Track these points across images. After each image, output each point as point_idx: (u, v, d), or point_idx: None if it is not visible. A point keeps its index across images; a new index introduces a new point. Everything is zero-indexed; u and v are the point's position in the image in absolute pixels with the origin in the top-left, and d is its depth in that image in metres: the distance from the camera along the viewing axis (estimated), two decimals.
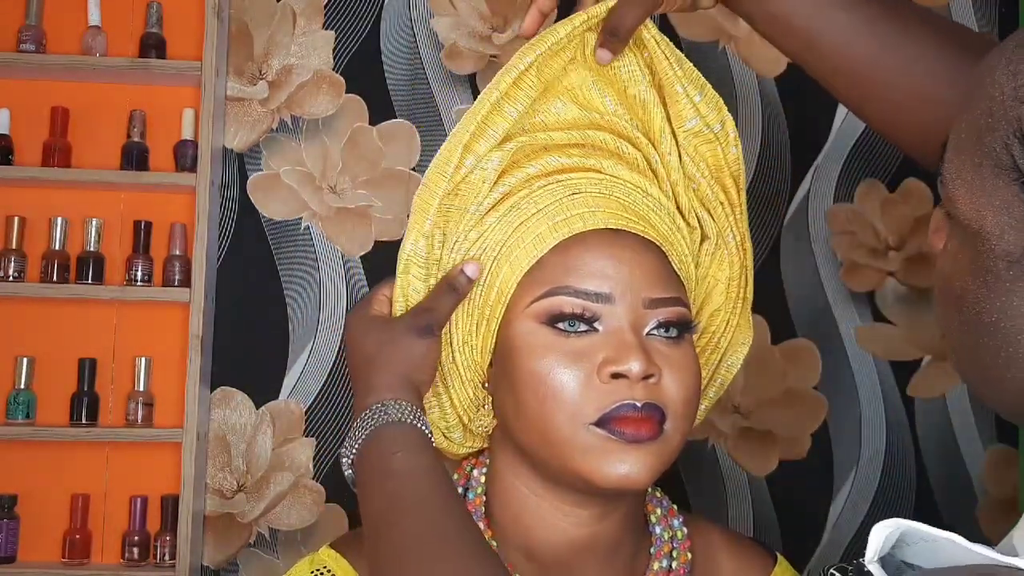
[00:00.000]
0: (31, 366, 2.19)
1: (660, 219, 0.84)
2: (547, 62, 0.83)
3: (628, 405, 0.75)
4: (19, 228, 2.21)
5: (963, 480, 2.29)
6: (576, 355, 0.77)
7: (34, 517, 2.16)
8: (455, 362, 0.84)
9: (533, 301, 0.79)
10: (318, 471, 2.23)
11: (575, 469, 0.76)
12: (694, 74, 0.86)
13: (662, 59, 0.84)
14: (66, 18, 2.29)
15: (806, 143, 2.34)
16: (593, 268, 0.79)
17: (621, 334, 0.77)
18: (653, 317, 0.79)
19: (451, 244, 0.83)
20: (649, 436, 0.76)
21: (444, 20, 2.35)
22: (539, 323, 0.78)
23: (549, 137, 0.84)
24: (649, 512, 0.88)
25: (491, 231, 0.82)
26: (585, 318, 0.78)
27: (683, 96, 0.85)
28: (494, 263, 0.82)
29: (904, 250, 2.33)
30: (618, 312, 0.78)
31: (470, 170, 0.82)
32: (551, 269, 0.79)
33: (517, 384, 0.79)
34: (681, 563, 0.86)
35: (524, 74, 0.82)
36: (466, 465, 0.89)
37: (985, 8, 2.39)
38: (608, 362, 0.76)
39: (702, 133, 0.87)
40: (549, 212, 0.81)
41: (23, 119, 2.25)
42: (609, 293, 0.78)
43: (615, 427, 0.75)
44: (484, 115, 0.81)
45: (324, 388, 2.25)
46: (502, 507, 0.84)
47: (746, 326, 0.93)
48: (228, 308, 2.25)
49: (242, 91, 2.32)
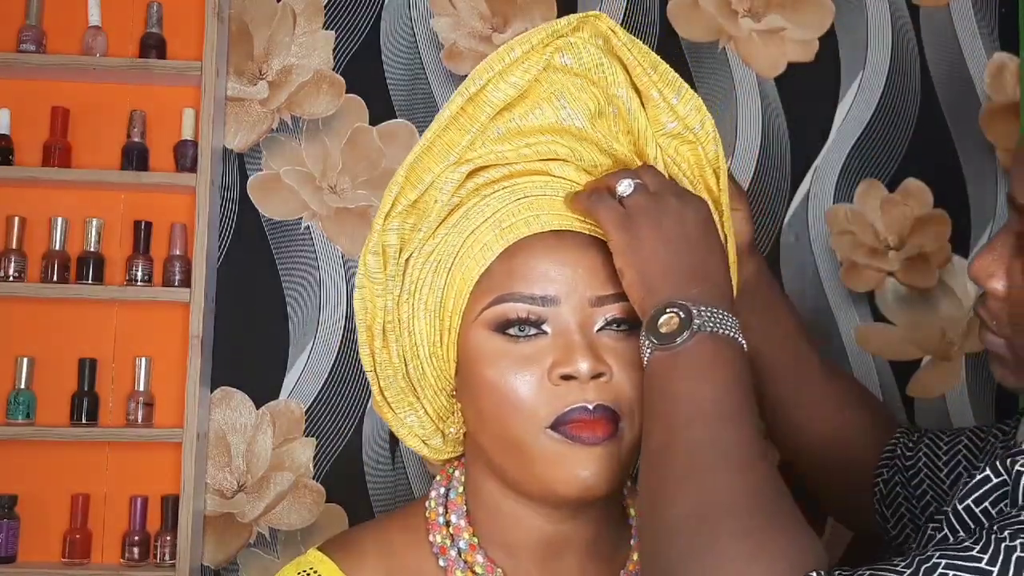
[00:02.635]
0: (31, 366, 2.19)
1: None
2: (507, 77, 0.82)
3: (580, 408, 0.76)
4: (19, 228, 2.21)
5: None
6: (526, 359, 0.78)
7: (34, 517, 2.16)
8: (425, 373, 0.86)
9: (483, 309, 0.80)
10: (318, 471, 2.23)
11: (535, 475, 0.78)
12: (669, 76, 0.86)
13: (635, 65, 0.84)
14: (66, 18, 2.30)
15: (806, 143, 2.34)
16: (537, 272, 0.79)
17: (568, 335, 0.78)
18: (601, 315, 0.80)
19: (404, 259, 0.85)
20: (604, 436, 0.76)
21: (444, 20, 2.35)
22: (490, 331, 0.80)
23: (499, 153, 0.83)
24: (628, 506, 0.90)
25: (444, 242, 0.83)
26: (532, 322, 0.79)
27: (660, 100, 0.85)
28: (448, 274, 0.83)
29: (904, 250, 2.34)
30: (564, 313, 0.79)
31: (426, 188, 0.83)
32: (498, 277, 0.80)
33: (475, 392, 0.80)
34: None
35: (481, 92, 0.81)
36: (449, 466, 0.91)
37: (985, 8, 2.40)
38: (557, 364, 0.77)
39: (681, 135, 0.87)
40: (496, 219, 0.82)
41: (23, 119, 2.25)
42: (554, 295, 0.79)
43: (570, 431, 0.76)
44: (438, 132, 0.82)
45: (324, 388, 2.26)
46: (479, 508, 0.86)
47: None
48: (228, 308, 2.25)
49: (242, 91, 2.32)
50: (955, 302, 2.32)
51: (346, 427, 2.24)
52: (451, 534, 0.85)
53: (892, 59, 2.37)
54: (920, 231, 2.34)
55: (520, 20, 2.35)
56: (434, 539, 0.85)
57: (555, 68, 0.84)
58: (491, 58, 0.82)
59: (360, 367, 2.25)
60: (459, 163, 0.82)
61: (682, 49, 2.30)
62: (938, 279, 2.33)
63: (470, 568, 0.83)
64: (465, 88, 0.81)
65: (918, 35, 2.38)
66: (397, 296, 0.85)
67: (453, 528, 0.85)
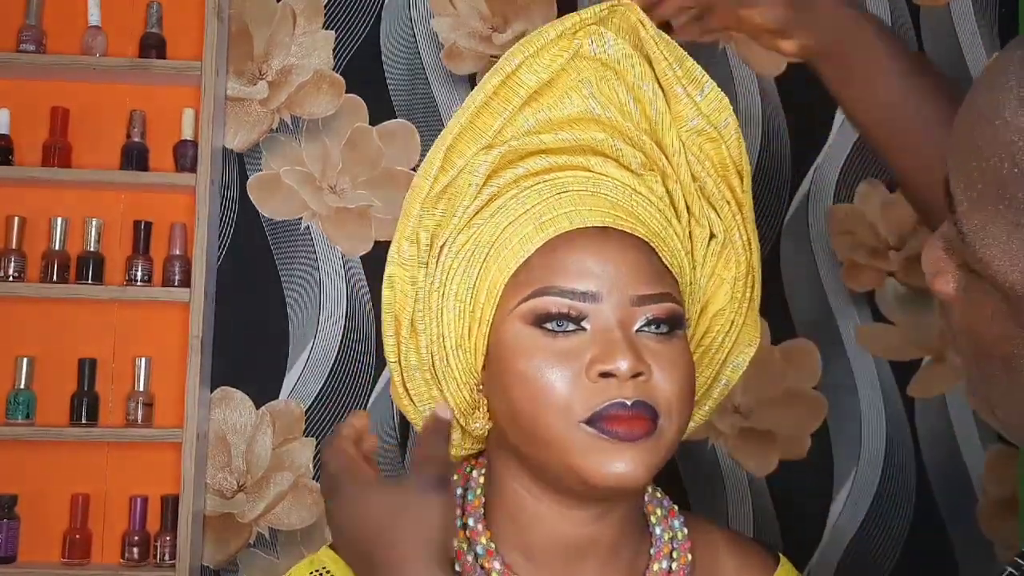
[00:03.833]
0: (31, 366, 2.19)
1: (650, 215, 0.83)
2: (538, 60, 0.82)
3: (618, 403, 0.74)
4: (19, 228, 2.21)
5: (963, 480, 2.29)
6: (564, 355, 0.76)
7: (34, 517, 2.16)
8: (449, 365, 0.84)
9: (520, 302, 0.78)
10: (318, 471, 2.23)
11: (571, 467, 0.76)
12: (695, 72, 0.86)
13: (660, 60, 0.84)
14: (66, 18, 2.29)
15: (806, 143, 2.34)
16: (579, 267, 0.78)
17: (609, 332, 0.76)
18: (642, 314, 0.78)
19: (438, 247, 0.83)
20: (642, 433, 0.75)
21: (444, 20, 2.35)
22: (527, 324, 0.78)
23: (540, 141, 0.83)
24: (649, 513, 0.88)
25: (479, 232, 0.82)
26: (572, 317, 0.77)
27: (684, 96, 0.85)
28: (483, 265, 0.81)
29: (904, 250, 2.33)
30: (605, 310, 0.77)
31: (458, 172, 0.82)
32: (537, 270, 0.79)
33: (508, 386, 0.78)
34: (681, 564, 0.85)
35: (513, 74, 0.82)
36: (465, 466, 0.88)
37: (985, 8, 2.39)
38: (596, 360, 0.75)
39: (705, 132, 0.86)
40: (536, 212, 0.81)
41: (23, 119, 2.25)
42: (595, 292, 0.77)
43: (606, 426, 0.74)
44: (471, 115, 0.81)
45: (324, 388, 2.25)
46: (500, 508, 0.84)
47: (753, 327, 0.92)
48: (228, 308, 2.25)
49: (242, 91, 2.32)
50: None
51: None
52: (468, 538, 0.83)
53: None
54: (920, 231, 2.33)
55: (520, 20, 2.35)
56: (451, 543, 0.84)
57: (583, 56, 0.83)
58: (524, 41, 0.82)
59: (360, 367, 2.25)
60: (490, 146, 0.82)
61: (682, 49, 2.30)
62: None
63: (486, 574, 0.81)
64: (500, 68, 0.81)
65: (918, 35, 2.38)
66: (428, 285, 0.83)
67: (470, 532, 0.83)
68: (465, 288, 0.82)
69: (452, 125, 0.81)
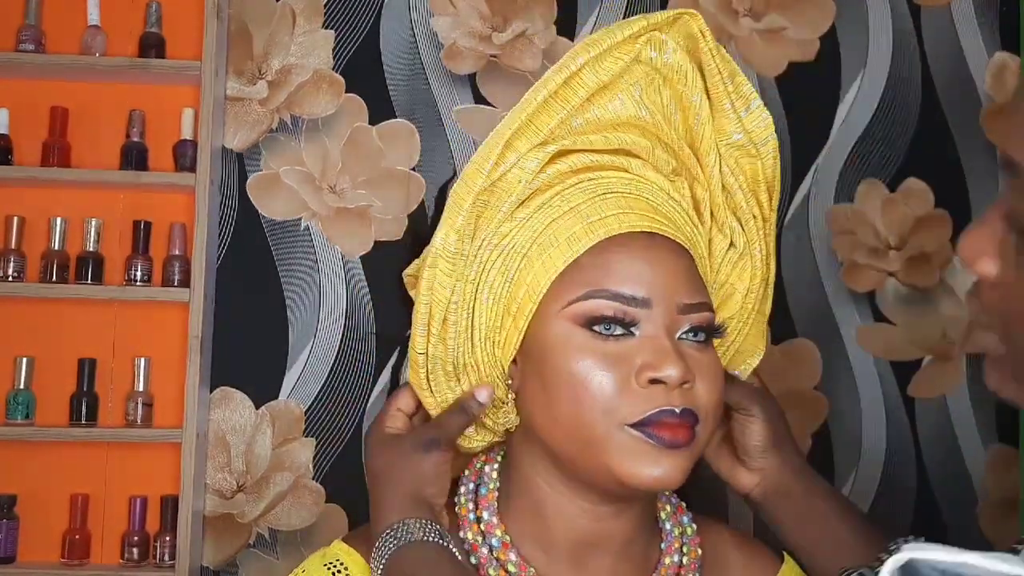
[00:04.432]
0: (31, 366, 2.19)
1: (684, 222, 0.85)
2: (601, 63, 0.82)
3: (668, 411, 0.76)
4: (19, 228, 2.21)
5: (963, 480, 2.29)
6: (614, 358, 0.77)
7: (34, 517, 2.16)
8: (475, 356, 0.84)
9: (570, 303, 0.79)
10: (318, 471, 2.23)
11: (608, 467, 0.77)
12: (744, 89, 0.86)
13: (714, 72, 0.85)
14: (66, 18, 2.29)
15: (806, 143, 2.34)
16: (631, 272, 0.79)
17: (658, 339, 0.78)
18: (686, 322, 0.79)
19: (480, 240, 0.83)
20: (685, 441, 0.76)
21: (444, 20, 2.35)
22: (576, 324, 0.78)
23: (588, 141, 0.83)
24: (659, 509, 0.90)
25: (521, 227, 0.82)
26: (623, 322, 0.78)
27: (731, 111, 0.85)
28: (523, 260, 0.81)
29: (904, 250, 2.33)
30: (655, 317, 0.78)
31: (509, 167, 0.81)
32: (588, 271, 0.79)
33: (550, 384, 0.79)
34: (692, 558, 0.87)
35: (576, 74, 0.81)
36: (476, 462, 0.89)
37: (986, 8, 2.39)
38: (646, 367, 0.76)
39: (745, 148, 0.87)
40: (582, 211, 0.81)
41: (23, 119, 2.25)
42: (647, 298, 0.78)
43: (654, 431, 0.76)
44: (530, 113, 0.81)
45: (324, 388, 2.25)
46: (519, 501, 0.85)
47: (759, 337, 0.93)
48: (228, 308, 2.24)
49: (242, 91, 2.32)
50: (956, 302, 2.32)
51: (346, 427, 2.24)
52: (482, 531, 0.84)
53: (892, 59, 2.37)
54: (921, 231, 2.33)
55: (520, 20, 2.35)
56: (465, 536, 0.84)
57: (639, 60, 0.84)
58: (589, 40, 0.81)
59: (360, 366, 2.25)
60: (544, 143, 0.82)
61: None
62: (939, 279, 2.32)
63: (503, 567, 0.83)
64: (565, 66, 0.80)
65: (919, 35, 2.38)
66: (465, 276, 0.83)
67: (484, 525, 0.84)
68: (501, 281, 0.82)
69: (511, 120, 0.81)
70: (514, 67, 2.33)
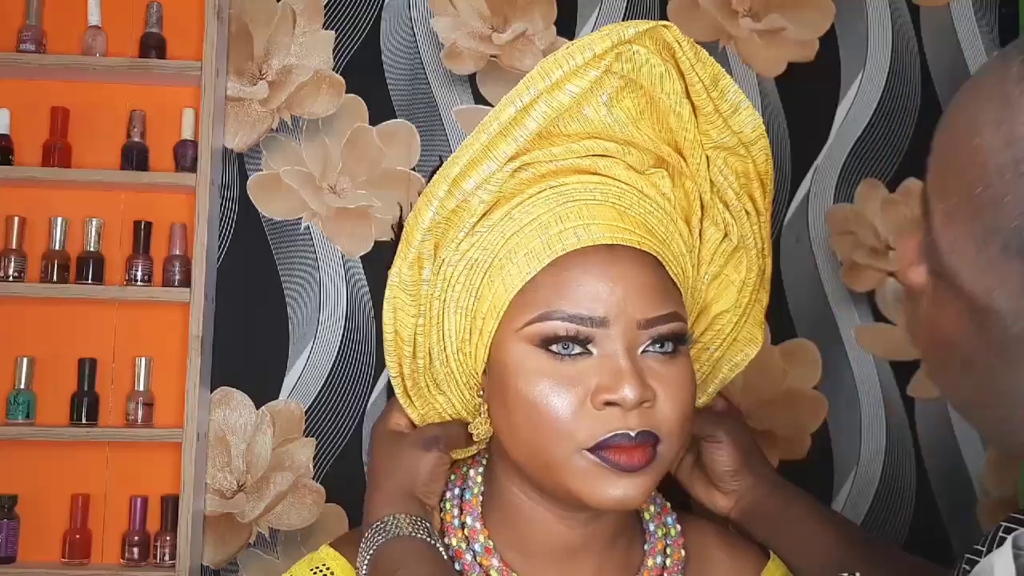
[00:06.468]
0: (31, 366, 2.19)
1: (657, 220, 0.83)
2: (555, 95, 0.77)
3: (622, 435, 0.74)
4: (19, 228, 2.21)
5: (963, 480, 2.29)
6: (569, 380, 0.76)
7: (34, 517, 2.16)
8: (450, 367, 0.84)
9: (525, 324, 0.78)
10: (318, 471, 2.23)
11: (568, 490, 0.76)
12: (729, 93, 0.83)
13: (695, 80, 0.82)
14: (66, 18, 2.29)
15: (806, 143, 2.34)
16: (587, 291, 0.77)
17: (615, 359, 0.76)
18: (648, 336, 0.77)
19: (442, 257, 0.82)
20: (643, 464, 0.75)
21: (444, 20, 2.35)
22: (532, 345, 0.77)
23: (553, 156, 0.81)
24: (643, 510, 0.89)
25: (483, 239, 0.81)
26: (578, 340, 0.76)
27: (715, 117, 0.83)
28: (485, 275, 0.80)
29: None
30: (612, 335, 0.76)
31: (465, 196, 0.79)
32: (544, 291, 0.78)
33: (511, 405, 0.78)
34: (675, 560, 0.86)
35: (531, 107, 0.77)
36: (462, 466, 0.89)
37: (985, 8, 2.39)
38: (601, 389, 0.75)
39: (733, 149, 0.85)
40: (542, 223, 0.79)
41: (23, 119, 2.25)
42: (603, 317, 0.76)
43: (609, 456, 0.74)
44: (482, 147, 0.78)
45: (324, 388, 2.25)
46: (498, 509, 0.84)
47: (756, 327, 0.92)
48: (228, 308, 2.25)
49: (242, 91, 2.32)
50: None
51: (346, 427, 2.24)
52: (466, 536, 0.84)
53: (892, 59, 2.37)
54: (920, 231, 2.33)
55: (520, 20, 2.35)
56: (450, 542, 0.84)
57: (610, 72, 0.80)
58: (548, 65, 0.76)
59: (360, 367, 2.25)
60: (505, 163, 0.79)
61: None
62: None
63: (485, 572, 0.82)
64: (518, 98, 0.76)
65: (918, 35, 2.38)
66: (430, 293, 0.82)
67: (468, 531, 0.84)
68: (466, 296, 0.81)
69: (460, 155, 0.78)
70: (514, 67, 2.33)
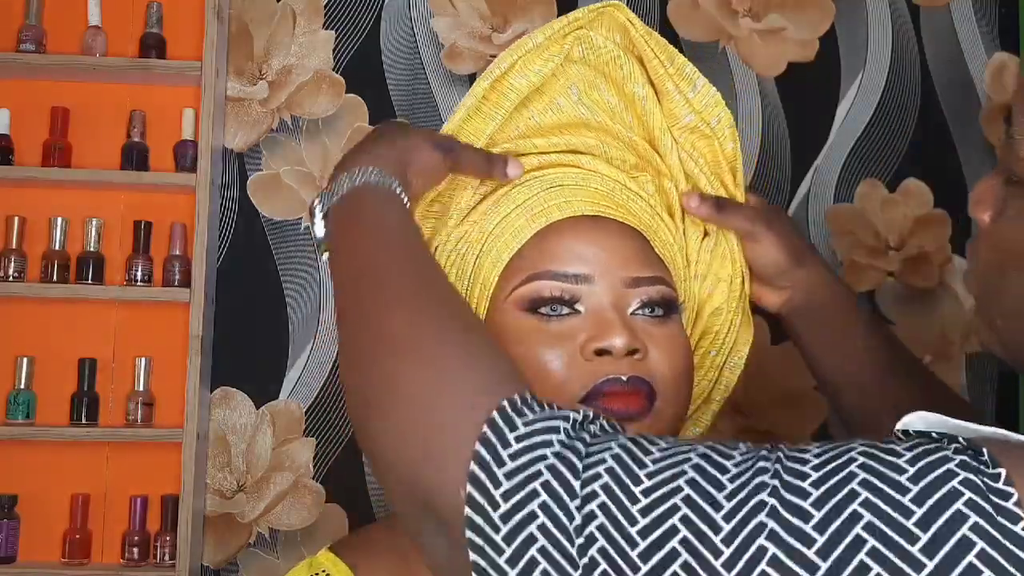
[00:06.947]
0: (31, 366, 2.19)
1: (641, 209, 0.83)
2: (529, 65, 0.83)
3: (614, 379, 0.74)
4: (19, 228, 2.21)
5: None
6: (559, 337, 0.76)
7: (34, 517, 2.16)
8: None
9: (513, 289, 0.78)
10: (318, 471, 2.23)
11: None
12: (687, 69, 0.86)
13: (652, 57, 0.84)
14: (66, 18, 2.29)
15: (806, 143, 2.34)
16: (571, 251, 0.78)
17: (602, 313, 0.76)
18: (636, 296, 0.78)
19: (434, 247, 0.83)
20: (638, 411, 0.74)
21: (444, 20, 2.35)
22: (521, 310, 0.78)
23: (533, 145, 0.83)
24: None
25: (473, 228, 0.82)
26: (565, 300, 0.77)
27: (676, 93, 0.85)
28: (476, 261, 0.81)
29: (904, 250, 2.33)
30: (598, 292, 0.77)
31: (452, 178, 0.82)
32: (529, 258, 0.79)
33: None
34: None
35: (504, 77, 0.82)
36: None
37: (985, 8, 2.40)
38: (591, 339, 0.75)
39: (698, 129, 0.86)
40: (527, 206, 0.81)
41: (23, 119, 2.25)
42: (588, 274, 0.77)
43: (603, 404, 0.73)
44: (462, 118, 0.82)
45: (324, 388, 2.25)
46: None
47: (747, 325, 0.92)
48: (228, 308, 2.25)
49: (242, 91, 2.32)
50: (955, 302, 2.32)
51: (346, 427, 2.24)
52: None
53: (892, 59, 2.37)
54: (920, 231, 2.34)
55: (520, 20, 2.35)
56: None
57: (572, 60, 0.84)
58: (514, 46, 0.82)
59: None
60: (485, 148, 0.83)
61: (682, 49, 2.29)
62: (938, 279, 2.32)
63: None
64: (489, 72, 0.82)
65: (918, 35, 2.38)
66: None
67: None
68: (460, 285, 0.82)
69: (443, 130, 0.82)
70: None
